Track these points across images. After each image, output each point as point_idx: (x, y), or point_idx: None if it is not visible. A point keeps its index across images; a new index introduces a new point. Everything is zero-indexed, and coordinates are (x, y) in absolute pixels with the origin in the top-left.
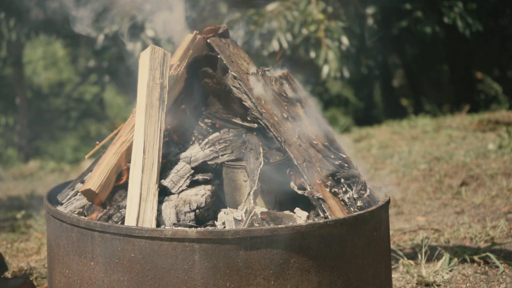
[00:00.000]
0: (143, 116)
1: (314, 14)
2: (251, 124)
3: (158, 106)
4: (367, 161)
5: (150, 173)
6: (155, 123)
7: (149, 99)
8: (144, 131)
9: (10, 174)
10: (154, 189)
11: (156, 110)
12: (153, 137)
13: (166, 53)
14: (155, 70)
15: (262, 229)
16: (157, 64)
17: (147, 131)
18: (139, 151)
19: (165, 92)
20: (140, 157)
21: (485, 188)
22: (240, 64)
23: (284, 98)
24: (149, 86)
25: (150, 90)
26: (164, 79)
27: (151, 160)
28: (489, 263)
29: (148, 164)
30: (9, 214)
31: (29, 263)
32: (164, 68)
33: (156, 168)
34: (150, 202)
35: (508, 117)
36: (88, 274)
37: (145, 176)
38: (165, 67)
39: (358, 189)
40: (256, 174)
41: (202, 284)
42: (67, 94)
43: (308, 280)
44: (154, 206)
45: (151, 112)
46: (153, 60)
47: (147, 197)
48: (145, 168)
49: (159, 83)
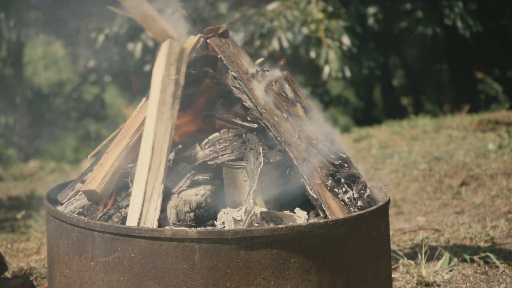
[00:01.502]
0: (155, 113)
1: (314, 14)
2: (251, 124)
3: (171, 103)
4: (367, 161)
5: (157, 173)
6: (167, 121)
7: (162, 95)
8: (154, 129)
9: (10, 174)
10: (159, 189)
11: (168, 107)
12: (163, 136)
13: (184, 48)
14: (170, 66)
15: (262, 229)
16: (173, 60)
17: (157, 129)
18: (148, 150)
19: (180, 89)
20: (148, 156)
21: (485, 188)
22: (240, 64)
23: (284, 98)
24: (164, 82)
25: (165, 86)
26: (179, 76)
27: (158, 159)
28: (489, 263)
29: (155, 163)
30: (9, 214)
31: (29, 263)
32: (180, 64)
33: (163, 168)
34: (154, 202)
35: (508, 117)
36: (88, 274)
37: (151, 176)
38: (182, 63)
39: (358, 189)
40: (256, 174)
41: (202, 284)
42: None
43: (308, 280)
44: (158, 206)
45: (163, 109)
46: (170, 55)
47: (151, 197)
48: (152, 167)
49: (174, 79)
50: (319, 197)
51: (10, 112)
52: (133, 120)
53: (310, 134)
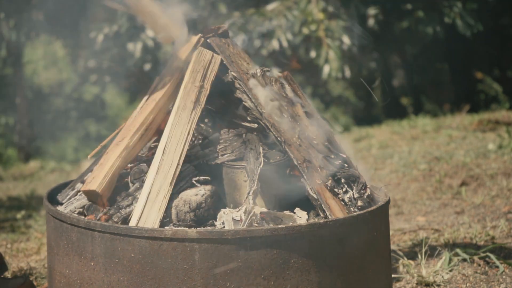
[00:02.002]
0: (173, 117)
1: (314, 14)
2: (251, 124)
3: (192, 108)
4: (367, 161)
5: (166, 175)
6: (184, 126)
7: (182, 101)
8: (169, 133)
9: (10, 174)
10: (166, 191)
11: (188, 112)
12: (178, 139)
13: (215, 56)
14: (197, 73)
15: (262, 229)
16: (200, 67)
17: (172, 132)
18: (159, 152)
19: (204, 95)
20: (158, 158)
21: (485, 188)
22: (240, 64)
23: (284, 98)
24: (187, 88)
25: (187, 92)
26: (205, 82)
27: (169, 161)
28: (489, 263)
29: (165, 165)
30: (9, 214)
31: (29, 263)
32: (208, 71)
33: (174, 170)
34: (159, 203)
35: (508, 117)
36: (88, 274)
37: (159, 177)
38: (210, 70)
39: (358, 189)
40: (256, 174)
41: (202, 284)
42: (67, 94)
43: (308, 280)
44: (162, 207)
45: (182, 114)
46: (197, 62)
47: (156, 198)
48: (160, 169)
49: (198, 85)
50: (319, 197)
51: (10, 112)
52: (133, 120)
53: (310, 134)
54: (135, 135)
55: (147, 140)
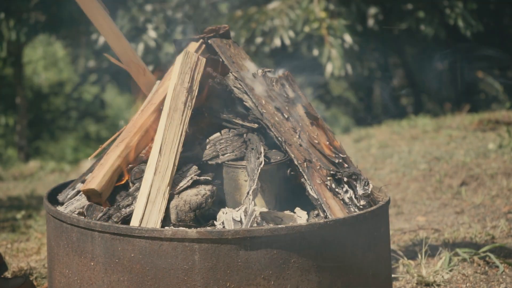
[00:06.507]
0: (165, 119)
1: (316, 12)
2: (252, 124)
3: (183, 110)
4: (367, 161)
5: (163, 176)
6: (177, 127)
7: (173, 102)
8: (163, 134)
9: (10, 174)
10: (164, 191)
11: (179, 113)
12: (172, 140)
13: (200, 58)
14: (185, 75)
15: (262, 229)
16: (188, 69)
17: (166, 134)
18: (155, 153)
19: (192, 96)
20: (154, 159)
21: (485, 188)
22: (241, 65)
23: (285, 98)
24: (176, 89)
25: (177, 93)
26: (193, 84)
27: (166, 162)
28: (489, 263)
29: (162, 166)
30: (9, 214)
31: (29, 263)
32: (195, 73)
33: (170, 171)
34: (158, 204)
35: (508, 117)
36: (88, 274)
37: (157, 178)
38: (197, 72)
39: (362, 185)
40: (256, 173)
41: (202, 284)
42: (67, 94)
43: (308, 280)
44: (162, 208)
45: (174, 115)
46: (184, 64)
47: (156, 199)
48: (158, 170)
49: (187, 87)
50: (319, 197)
51: (10, 112)
52: (134, 122)
53: (310, 134)
54: (135, 136)
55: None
